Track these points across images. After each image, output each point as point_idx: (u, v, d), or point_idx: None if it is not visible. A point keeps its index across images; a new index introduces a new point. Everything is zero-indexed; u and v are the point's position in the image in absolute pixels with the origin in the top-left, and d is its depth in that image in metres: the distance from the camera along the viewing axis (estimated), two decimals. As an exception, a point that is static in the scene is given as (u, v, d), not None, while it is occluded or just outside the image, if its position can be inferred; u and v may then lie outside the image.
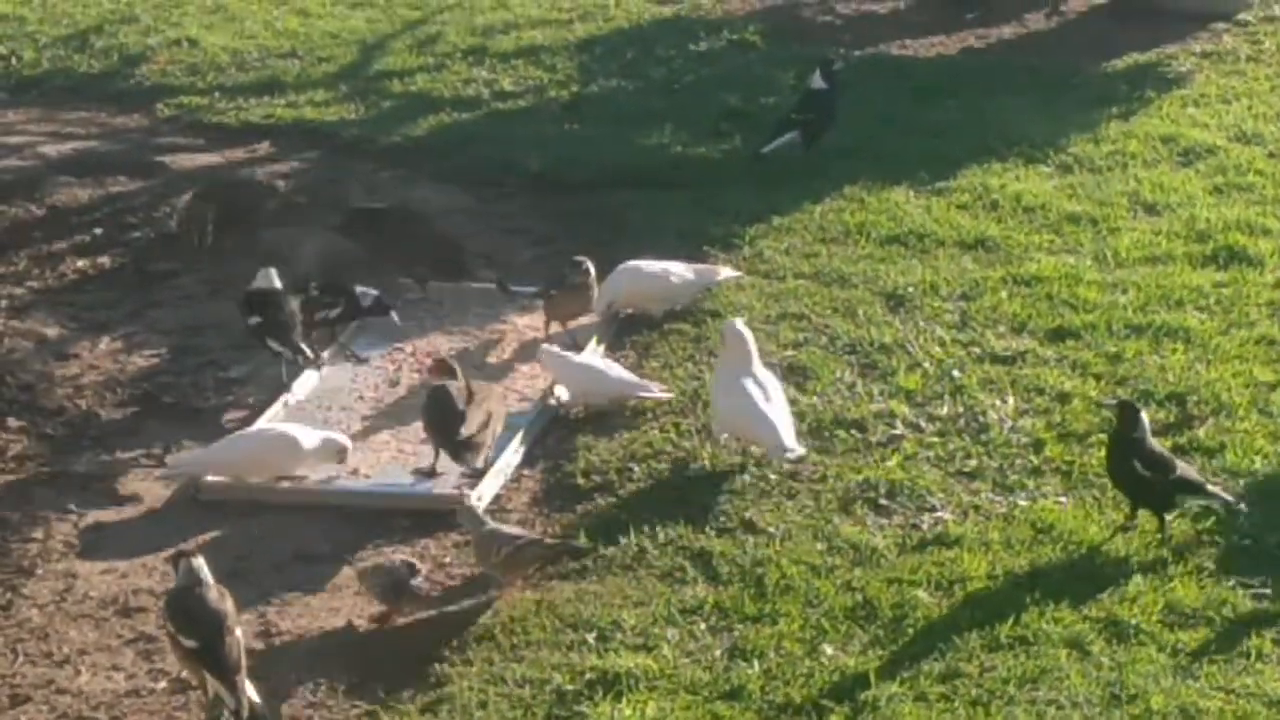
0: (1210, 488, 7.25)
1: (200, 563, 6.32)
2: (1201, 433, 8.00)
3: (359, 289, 8.99)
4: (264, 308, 8.62)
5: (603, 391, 8.31)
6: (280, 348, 8.49)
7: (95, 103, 12.59)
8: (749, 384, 7.77)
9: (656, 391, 8.29)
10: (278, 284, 8.75)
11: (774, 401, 7.75)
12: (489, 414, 7.84)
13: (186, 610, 6.22)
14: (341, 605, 7.03)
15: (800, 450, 7.65)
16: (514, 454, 7.96)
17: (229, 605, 6.25)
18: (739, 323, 8.11)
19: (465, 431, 7.69)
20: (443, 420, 7.80)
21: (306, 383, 8.62)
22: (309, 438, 7.86)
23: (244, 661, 6.13)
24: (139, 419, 8.42)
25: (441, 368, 8.11)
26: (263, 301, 8.65)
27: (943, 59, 13.36)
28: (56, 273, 9.92)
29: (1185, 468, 7.29)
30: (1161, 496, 7.18)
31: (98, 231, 10.27)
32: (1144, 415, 7.30)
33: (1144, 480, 7.16)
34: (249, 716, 5.99)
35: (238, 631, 6.20)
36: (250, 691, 6.07)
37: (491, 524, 7.11)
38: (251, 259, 9.31)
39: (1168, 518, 7.20)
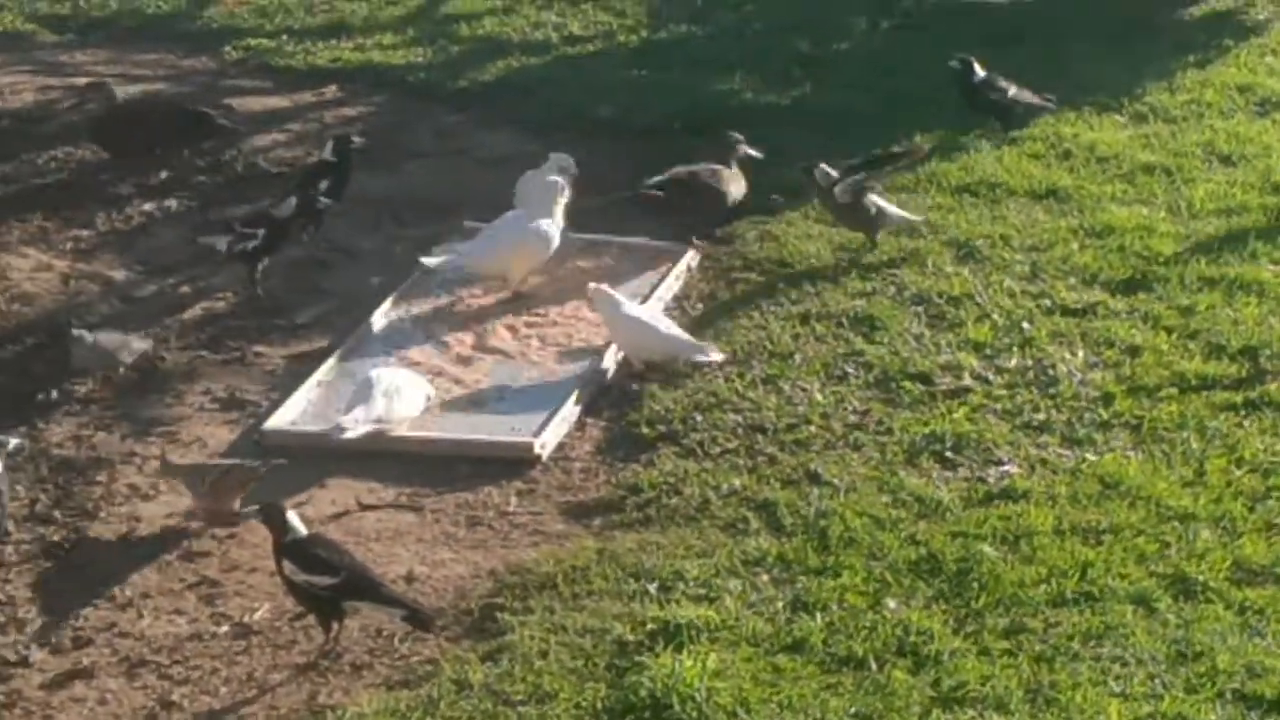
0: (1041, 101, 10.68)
1: None
2: (1274, 387, 7.89)
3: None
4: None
5: (651, 347, 8.23)
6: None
7: (163, 44, 12.62)
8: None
9: (713, 355, 8.17)
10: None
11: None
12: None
13: None
14: (403, 552, 7.02)
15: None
16: (576, 402, 7.93)
17: None
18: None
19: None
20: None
21: (373, 327, 8.62)
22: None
23: None
24: (204, 363, 8.43)
25: None
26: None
27: (1016, 5, 13.17)
28: (123, 215, 9.92)
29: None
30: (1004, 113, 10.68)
31: (164, 174, 10.28)
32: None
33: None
34: None
35: None
36: None
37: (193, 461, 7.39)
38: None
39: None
